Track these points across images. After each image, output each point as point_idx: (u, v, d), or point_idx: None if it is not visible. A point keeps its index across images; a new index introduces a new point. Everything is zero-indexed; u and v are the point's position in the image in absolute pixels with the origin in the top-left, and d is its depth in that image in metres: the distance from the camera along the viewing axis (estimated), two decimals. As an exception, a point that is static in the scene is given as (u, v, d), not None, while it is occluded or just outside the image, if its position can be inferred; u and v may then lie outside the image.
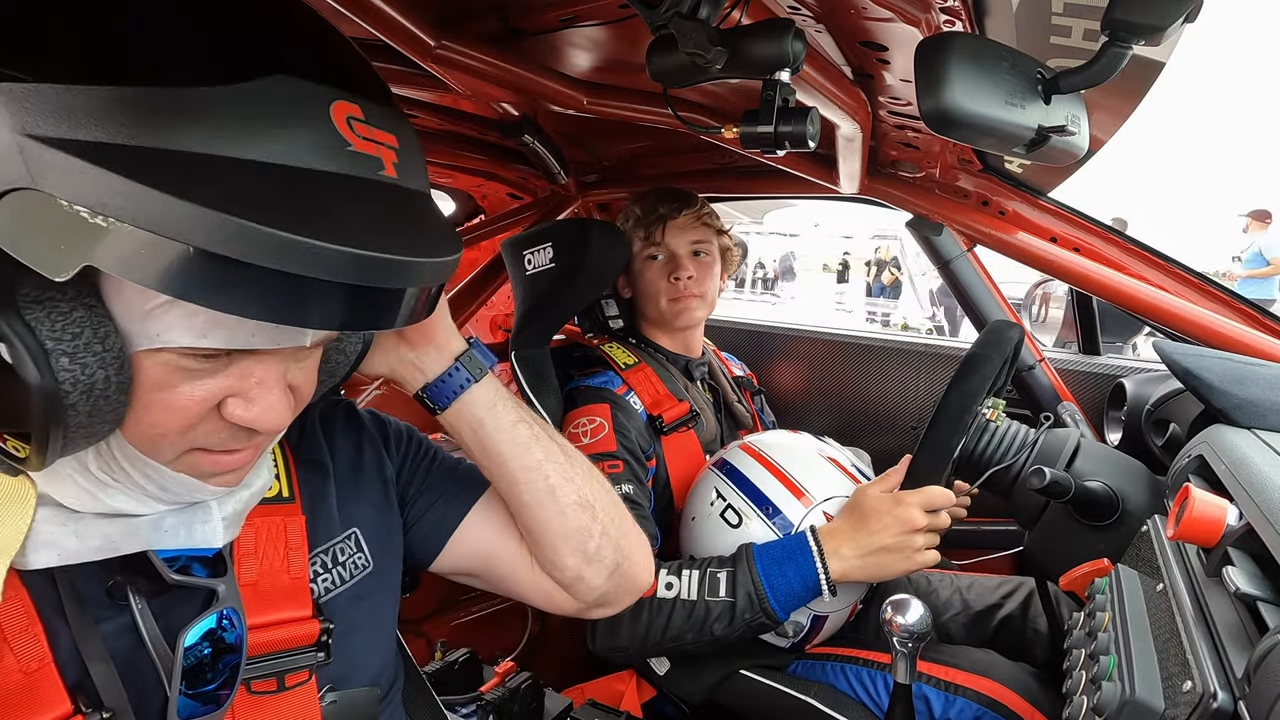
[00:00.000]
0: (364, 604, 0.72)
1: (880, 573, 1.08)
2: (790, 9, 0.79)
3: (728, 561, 1.11)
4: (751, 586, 1.06)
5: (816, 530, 1.10)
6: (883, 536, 1.06)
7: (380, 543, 0.75)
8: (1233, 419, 0.96)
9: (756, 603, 1.06)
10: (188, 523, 0.57)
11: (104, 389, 0.47)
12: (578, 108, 1.15)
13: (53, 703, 0.52)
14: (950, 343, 1.86)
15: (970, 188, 1.40)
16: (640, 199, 1.51)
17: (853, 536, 1.08)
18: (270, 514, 0.66)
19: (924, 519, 1.05)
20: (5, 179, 0.41)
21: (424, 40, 0.96)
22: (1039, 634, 1.30)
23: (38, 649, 0.53)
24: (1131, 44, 0.64)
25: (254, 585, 0.63)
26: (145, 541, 0.55)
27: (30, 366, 0.44)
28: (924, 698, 1.10)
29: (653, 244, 1.46)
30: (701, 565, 1.11)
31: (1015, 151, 0.77)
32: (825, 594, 1.07)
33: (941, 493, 1.07)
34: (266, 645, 0.62)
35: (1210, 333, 1.20)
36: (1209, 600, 0.62)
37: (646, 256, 1.48)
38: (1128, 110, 0.99)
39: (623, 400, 1.36)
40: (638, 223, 1.47)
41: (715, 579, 1.08)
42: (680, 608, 1.08)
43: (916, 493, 1.07)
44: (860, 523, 1.08)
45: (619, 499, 0.84)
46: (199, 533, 0.57)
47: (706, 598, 1.08)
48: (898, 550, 1.06)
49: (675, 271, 1.45)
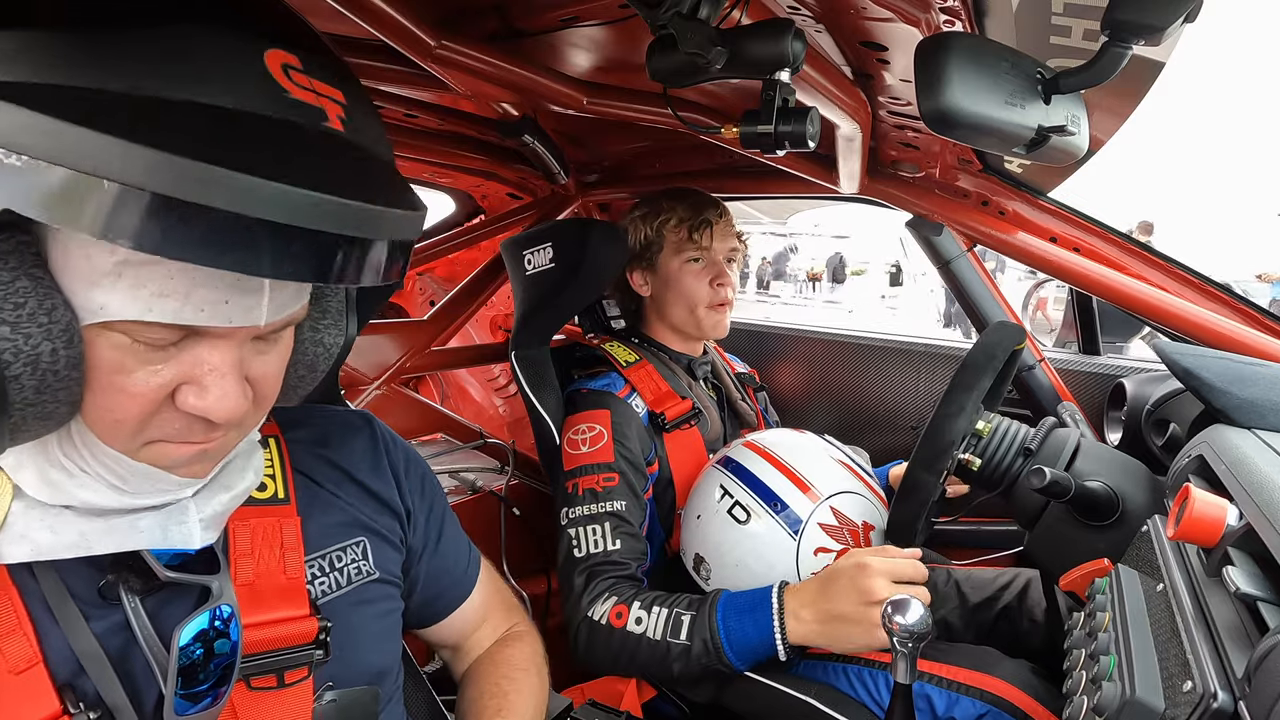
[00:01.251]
0: (367, 609, 0.72)
1: (840, 643, 1.04)
2: (790, 9, 0.79)
3: (695, 604, 1.11)
4: (709, 634, 1.07)
5: (785, 588, 1.08)
6: (841, 604, 1.02)
7: (385, 566, 0.76)
8: (1233, 419, 0.96)
9: (713, 651, 1.06)
10: (163, 523, 0.55)
11: (51, 363, 0.45)
12: (578, 108, 1.15)
13: (41, 703, 0.52)
14: (950, 342, 1.86)
15: (970, 188, 1.40)
16: (677, 198, 1.48)
17: (814, 600, 1.05)
18: (265, 515, 0.66)
19: (886, 591, 0.99)
20: None
21: (424, 40, 0.96)
22: (1036, 625, 1.31)
23: (27, 649, 0.52)
24: (1131, 44, 0.64)
25: (250, 585, 0.63)
26: (120, 541, 0.54)
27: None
28: (926, 697, 1.10)
29: (697, 247, 1.44)
30: (671, 604, 1.12)
31: (1015, 151, 0.77)
32: (781, 654, 1.05)
33: (912, 566, 1.03)
34: (265, 643, 0.62)
35: (1210, 333, 1.20)
36: (1209, 600, 0.62)
37: (688, 259, 1.45)
38: (1128, 110, 0.99)
39: (624, 404, 1.36)
40: (680, 222, 1.45)
41: (679, 621, 1.09)
42: (646, 644, 1.10)
43: (883, 560, 1.03)
44: (823, 586, 1.05)
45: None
46: (175, 534, 0.55)
47: (669, 639, 1.09)
48: (856, 622, 1.01)
49: (719, 278, 1.44)
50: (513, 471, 1.77)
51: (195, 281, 0.46)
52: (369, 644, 0.72)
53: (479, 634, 0.91)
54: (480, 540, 0.92)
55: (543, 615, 1.72)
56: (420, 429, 1.85)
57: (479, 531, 1.61)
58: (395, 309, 2.62)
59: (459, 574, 0.88)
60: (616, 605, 1.14)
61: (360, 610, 0.71)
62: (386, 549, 0.76)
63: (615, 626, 1.12)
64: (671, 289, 1.47)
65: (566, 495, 1.28)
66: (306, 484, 0.72)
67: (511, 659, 0.89)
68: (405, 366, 1.67)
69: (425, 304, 2.57)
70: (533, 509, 1.74)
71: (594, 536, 1.22)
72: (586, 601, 1.16)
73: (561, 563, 1.24)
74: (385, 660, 0.75)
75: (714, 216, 1.45)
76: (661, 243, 1.47)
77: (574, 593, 1.19)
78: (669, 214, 1.46)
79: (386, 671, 0.74)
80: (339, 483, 0.75)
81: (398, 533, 0.79)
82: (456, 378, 2.57)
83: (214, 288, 0.47)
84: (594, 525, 1.23)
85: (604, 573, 1.19)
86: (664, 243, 1.46)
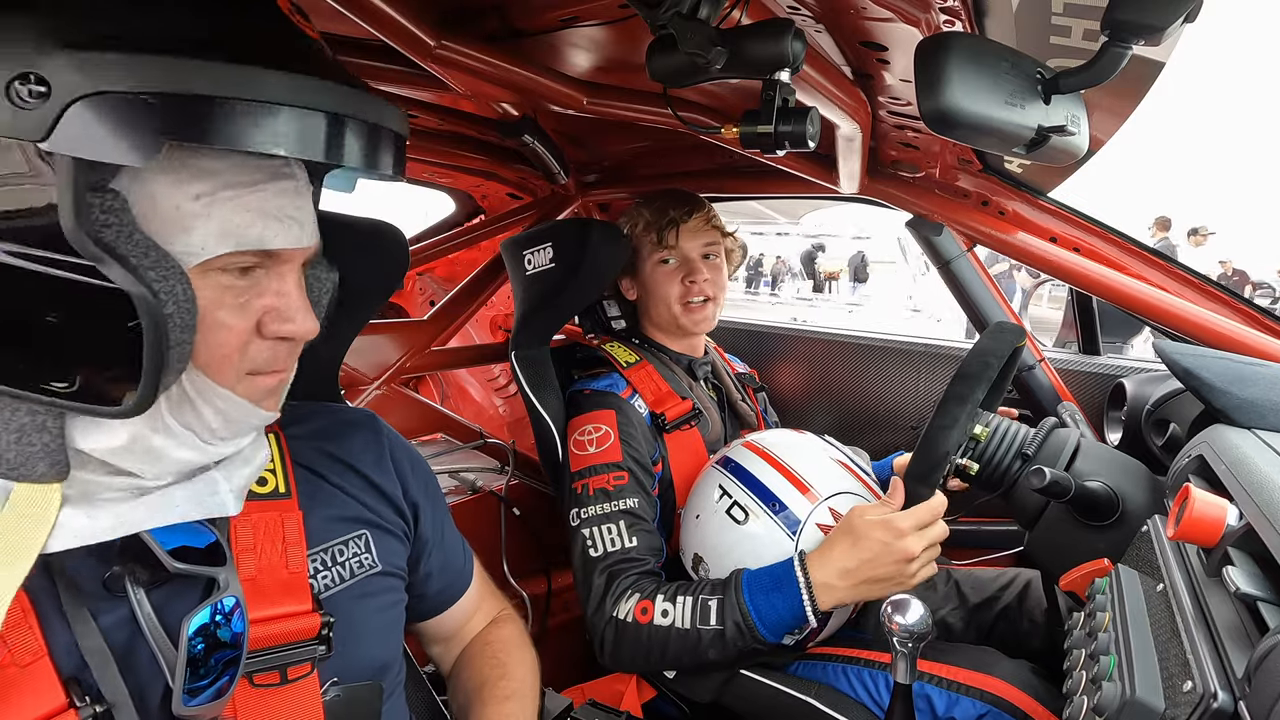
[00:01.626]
0: (370, 602, 0.72)
1: (874, 596, 1.07)
2: (790, 9, 0.79)
3: (719, 588, 1.11)
4: (740, 616, 1.07)
5: (806, 558, 1.08)
6: (877, 568, 1.04)
7: (388, 559, 0.76)
8: (1233, 419, 0.96)
9: (747, 632, 1.06)
10: (197, 496, 0.59)
11: (185, 301, 0.51)
12: (578, 108, 1.15)
13: (47, 696, 0.52)
14: (950, 342, 1.86)
15: (970, 188, 1.40)
16: (647, 202, 1.50)
17: (844, 567, 1.05)
18: (266, 509, 0.67)
19: (920, 545, 1.02)
20: (67, 90, 0.43)
21: (424, 40, 0.96)
22: (1036, 625, 1.31)
23: (33, 642, 0.53)
24: (1131, 44, 0.64)
25: (253, 580, 0.63)
26: (157, 517, 0.57)
27: (135, 282, 0.48)
28: (926, 697, 1.10)
29: (665, 248, 1.45)
30: (694, 592, 1.12)
31: (1015, 151, 0.77)
32: (813, 622, 1.06)
33: (928, 509, 1.04)
34: (268, 639, 0.62)
35: (1210, 333, 1.20)
36: (1209, 600, 0.62)
37: (658, 261, 1.46)
38: (1128, 110, 0.99)
39: (627, 405, 1.36)
40: (648, 226, 1.46)
41: (706, 607, 1.09)
42: (675, 635, 1.10)
43: (909, 516, 1.03)
44: (852, 549, 1.05)
45: None
46: (210, 504, 0.59)
47: (699, 626, 1.09)
48: (890, 579, 1.04)
49: (690, 275, 1.45)
50: (513, 471, 1.77)
51: (262, 212, 0.55)
52: (372, 637, 0.72)
53: (472, 623, 0.94)
54: (480, 540, 0.93)
55: (543, 615, 1.72)
56: (420, 429, 1.84)
57: (479, 531, 1.62)
58: (395, 309, 2.62)
59: (460, 565, 0.91)
60: (641, 601, 1.13)
61: (363, 604, 0.71)
62: (389, 541, 0.77)
63: (642, 623, 1.11)
64: (650, 291, 1.49)
65: (576, 496, 1.27)
66: (308, 477, 0.72)
67: (504, 637, 0.93)
68: (405, 366, 1.67)
69: (425, 304, 2.57)
70: (533, 509, 1.74)
71: (610, 535, 1.21)
72: (611, 602, 1.15)
73: (578, 564, 1.23)
74: (388, 653, 0.75)
75: (680, 216, 1.45)
76: (638, 247, 1.48)
77: (595, 595, 1.17)
78: (633, 218, 1.49)
79: (389, 665, 0.75)
80: (341, 474, 0.75)
81: (401, 526, 0.79)
82: (456, 378, 2.57)
83: (274, 217, 0.56)
84: (609, 524, 1.22)
85: (624, 571, 1.18)
86: (640, 247, 1.48)
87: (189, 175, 0.51)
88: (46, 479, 0.53)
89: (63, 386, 0.50)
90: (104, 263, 0.47)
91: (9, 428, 0.52)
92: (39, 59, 0.43)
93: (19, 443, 0.52)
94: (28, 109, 0.43)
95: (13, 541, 0.52)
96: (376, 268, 0.91)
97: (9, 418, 0.52)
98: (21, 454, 0.52)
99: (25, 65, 0.43)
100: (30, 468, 0.52)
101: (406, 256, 1.01)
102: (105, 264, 0.47)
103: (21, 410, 0.52)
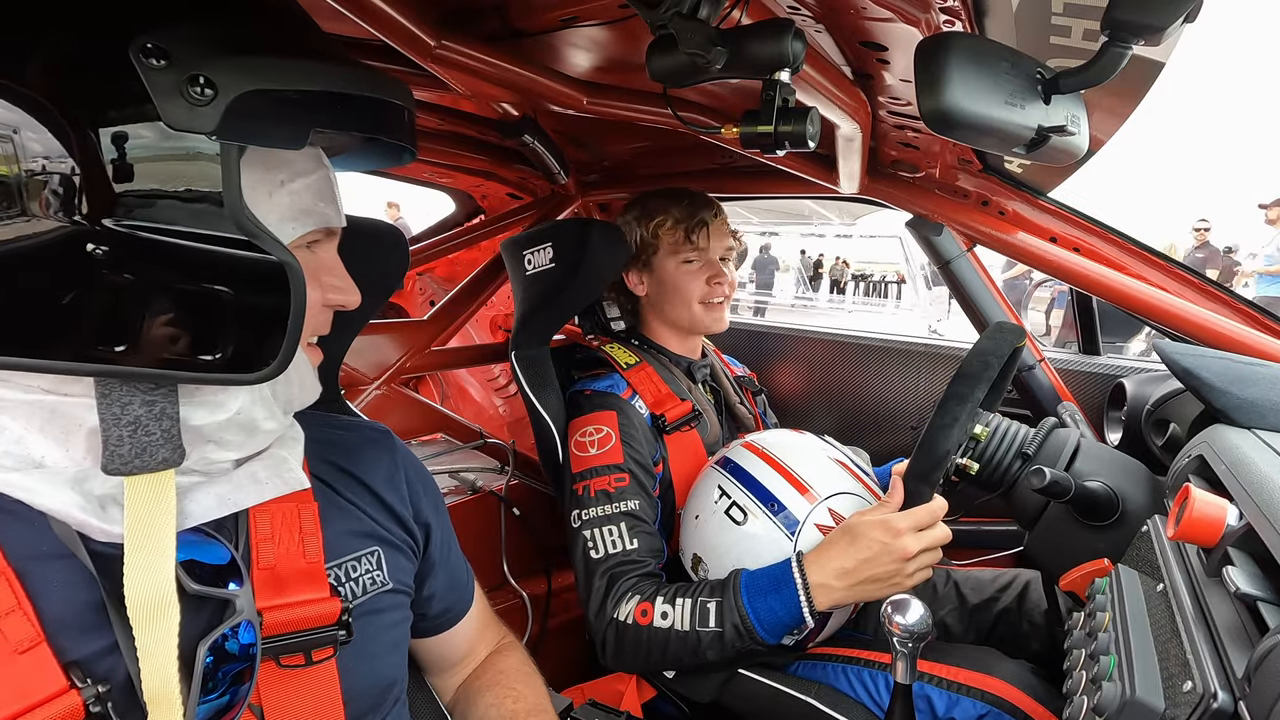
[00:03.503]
0: (380, 619, 0.72)
1: (871, 596, 1.07)
2: (790, 9, 0.79)
3: (717, 590, 1.11)
4: (738, 619, 1.07)
5: (804, 559, 1.08)
6: (874, 568, 1.04)
7: (398, 576, 0.76)
8: (1233, 419, 0.96)
9: (745, 634, 1.07)
10: (277, 471, 0.64)
11: (301, 274, 0.55)
12: (578, 108, 1.15)
13: (47, 680, 0.51)
14: (950, 342, 1.86)
15: (970, 188, 1.40)
16: (672, 199, 1.48)
17: (842, 568, 1.06)
18: (283, 501, 0.67)
19: (917, 546, 1.03)
20: (233, 89, 0.50)
21: (424, 40, 0.96)
22: (1035, 626, 1.31)
23: (29, 630, 0.52)
24: (1131, 44, 0.64)
25: (273, 569, 0.64)
26: (255, 494, 0.61)
27: (286, 252, 0.54)
28: (926, 697, 1.10)
29: (694, 248, 1.45)
30: (693, 594, 1.12)
31: (1015, 151, 0.76)
32: (810, 622, 1.07)
33: (928, 511, 1.05)
34: (292, 623, 0.63)
35: (1210, 333, 1.20)
36: (1209, 600, 0.62)
37: (683, 260, 1.46)
38: (1128, 110, 0.99)
39: (628, 406, 1.36)
40: (676, 224, 1.45)
41: (705, 609, 1.10)
42: (675, 637, 1.10)
43: (907, 517, 1.04)
44: (848, 549, 1.06)
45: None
46: (290, 478, 0.64)
47: (698, 628, 1.09)
48: (887, 579, 1.05)
49: (715, 276, 1.46)
50: (513, 471, 1.77)
51: (321, 194, 0.63)
52: (381, 654, 0.72)
53: (475, 653, 0.94)
54: (480, 540, 0.92)
55: (543, 615, 1.72)
56: (420, 429, 1.84)
57: (479, 531, 1.62)
58: (395, 309, 2.62)
59: (463, 587, 0.91)
60: (641, 603, 1.14)
61: (374, 620, 0.71)
62: (399, 558, 0.77)
63: (642, 625, 1.12)
64: (668, 289, 1.48)
65: (577, 498, 1.27)
66: (323, 489, 0.72)
67: (513, 667, 0.93)
68: (405, 366, 1.67)
69: (425, 304, 2.57)
70: (533, 509, 1.74)
71: (611, 537, 1.21)
72: (611, 604, 1.16)
73: (579, 566, 1.23)
74: (394, 671, 0.75)
75: (709, 217, 1.46)
76: (657, 244, 1.47)
77: (596, 598, 1.18)
78: (664, 216, 1.47)
79: (395, 681, 0.75)
80: (354, 489, 0.76)
81: (409, 543, 0.79)
82: (456, 378, 2.57)
83: (330, 199, 0.64)
84: (610, 526, 1.22)
85: (625, 573, 1.19)
86: (660, 244, 1.47)
87: (275, 163, 0.59)
88: (166, 465, 0.55)
89: (209, 359, 0.54)
90: (258, 238, 0.53)
91: (120, 422, 0.53)
92: (206, 63, 0.49)
93: (134, 435, 0.53)
94: (200, 104, 0.49)
95: (155, 534, 0.54)
96: (376, 268, 0.92)
97: (119, 413, 0.53)
98: (137, 445, 0.53)
99: (196, 69, 0.49)
100: (150, 455, 0.54)
101: (406, 257, 1.01)
102: (260, 239, 0.53)
103: (135, 403, 0.53)
